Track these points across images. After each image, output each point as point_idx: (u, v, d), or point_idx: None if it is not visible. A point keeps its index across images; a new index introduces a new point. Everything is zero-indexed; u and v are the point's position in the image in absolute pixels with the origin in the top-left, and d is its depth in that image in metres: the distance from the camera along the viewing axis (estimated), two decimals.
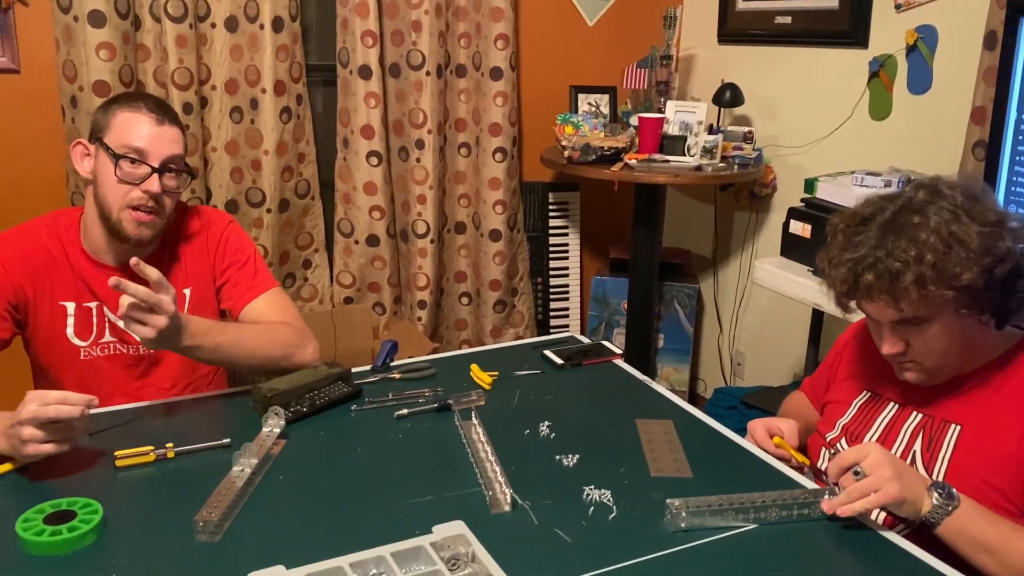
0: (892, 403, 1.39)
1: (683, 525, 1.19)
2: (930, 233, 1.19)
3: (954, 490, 1.17)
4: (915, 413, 1.35)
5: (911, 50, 2.54)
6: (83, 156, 1.61)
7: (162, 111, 1.60)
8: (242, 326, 1.57)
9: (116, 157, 1.54)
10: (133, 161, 1.55)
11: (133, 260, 1.37)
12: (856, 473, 1.17)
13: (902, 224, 1.22)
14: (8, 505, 1.20)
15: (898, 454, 1.32)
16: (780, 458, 1.40)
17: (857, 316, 1.39)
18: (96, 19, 2.48)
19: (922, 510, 1.17)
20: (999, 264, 1.19)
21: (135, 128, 1.56)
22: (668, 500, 1.22)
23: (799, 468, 1.40)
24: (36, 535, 1.11)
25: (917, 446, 1.32)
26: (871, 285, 1.22)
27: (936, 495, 1.16)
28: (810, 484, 1.31)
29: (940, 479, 1.25)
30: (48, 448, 1.23)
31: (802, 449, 1.49)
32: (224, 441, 1.40)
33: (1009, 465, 1.21)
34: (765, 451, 1.42)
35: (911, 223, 1.22)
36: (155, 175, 1.56)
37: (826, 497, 1.21)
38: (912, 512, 1.17)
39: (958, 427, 1.29)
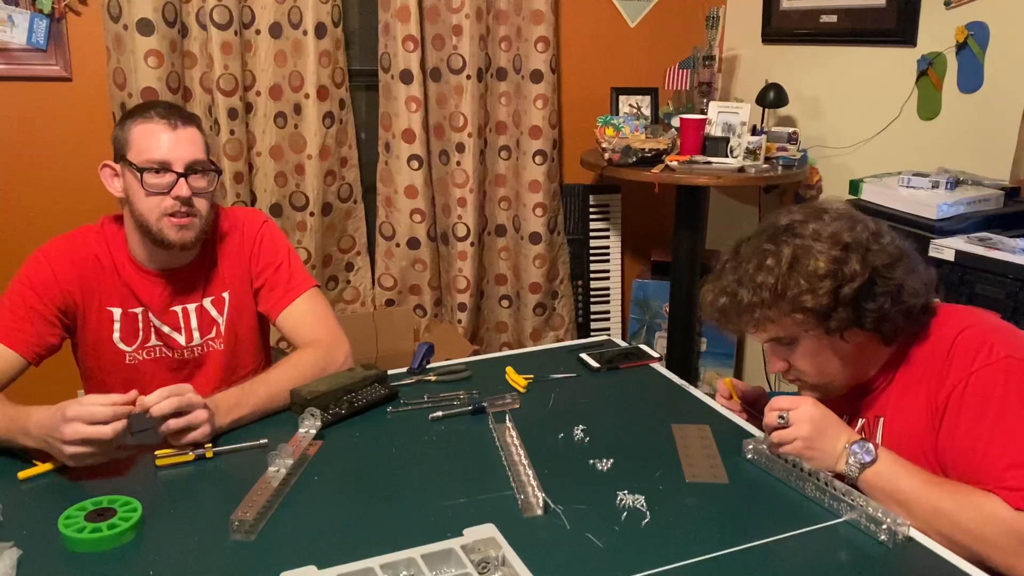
0: (846, 416, 1.43)
1: (749, 456, 1.37)
2: (776, 260, 1.30)
3: (872, 449, 1.25)
4: (860, 420, 1.42)
5: (961, 48, 2.48)
6: (112, 177, 1.62)
7: (174, 115, 1.59)
8: (268, 376, 1.56)
9: (140, 171, 1.55)
10: (157, 171, 1.56)
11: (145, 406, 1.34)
12: (781, 417, 1.29)
13: (758, 254, 1.33)
14: (51, 502, 1.23)
15: None
16: (721, 395, 1.57)
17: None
18: (144, 27, 2.53)
19: (836, 468, 1.26)
20: (845, 285, 1.27)
21: (151, 138, 1.56)
22: (744, 440, 1.38)
23: (727, 397, 1.56)
24: (77, 532, 1.13)
25: None
26: (725, 309, 1.36)
27: (851, 456, 1.25)
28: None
29: None
30: (88, 460, 1.28)
31: None
32: (261, 441, 1.41)
33: (921, 431, 1.30)
34: (719, 394, 1.57)
35: (766, 252, 1.33)
36: (181, 180, 1.56)
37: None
38: (824, 468, 1.26)
39: (881, 419, 1.38)
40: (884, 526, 1.15)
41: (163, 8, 2.54)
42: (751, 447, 1.38)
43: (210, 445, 1.39)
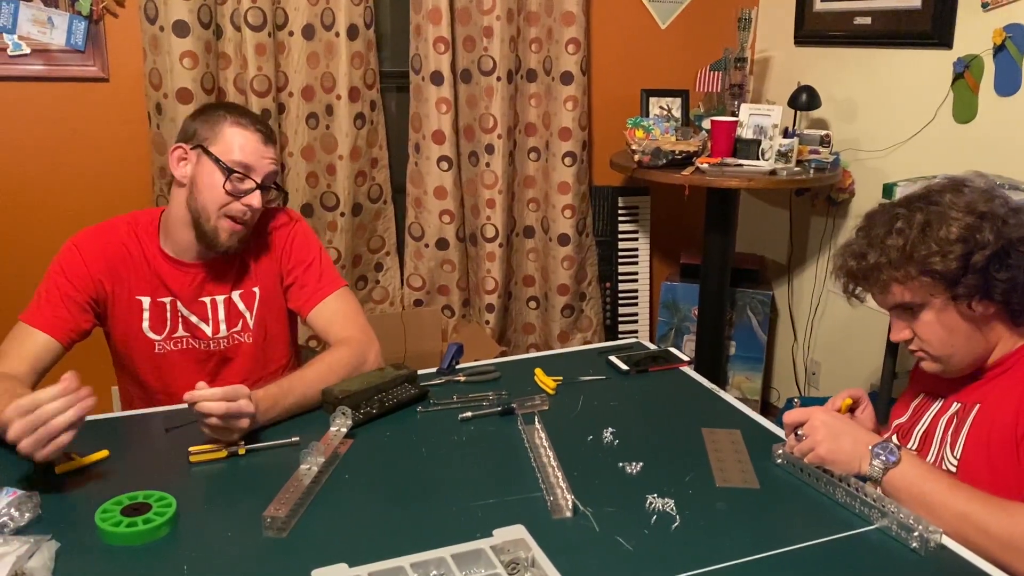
0: (940, 398, 1.45)
1: (779, 461, 1.36)
2: (908, 224, 1.31)
3: (896, 450, 1.24)
4: (955, 403, 1.40)
5: (999, 50, 2.44)
6: (181, 160, 1.66)
7: (268, 131, 1.68)
8: (304, 374, 1.57)
9: (228, 171, 1.61)
10: (242, 176, 1.62)
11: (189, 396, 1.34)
12: (797, 434, 1.32)
13: (890, 218, 1.35)
14: (88, 496, 1.25)
15: (937, 439, 1.40)
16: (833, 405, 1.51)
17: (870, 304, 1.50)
18: (180, 29, 2.57)
19: (860, 470, 1.26)
20: (976, 252, 1.27)
21: (245, 145, 1.63)
22: (774, 445, 1.38)
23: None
24: (114, 526, 1.15)
25: (951, 430, 1.38)
26: (852, 270, 1.38)
27: (875, 457, 1.24)
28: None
29: (958, 453, 1.34)
30: (47, 452, 1.22)
31: None
32: (293, 439, 1.43)
33: (1007, 434, 1.28)
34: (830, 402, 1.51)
35: (897, 215, 1.34)
36: (258, 191, 1.63)
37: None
38: (850, 472, 1.26)
39: (978, 405, 1.35)
40: (916, 533, 1.13)
41: (198, 10, 2.58)
42: (781, 452, 1.37)
43: (243, 442, 1.40)
